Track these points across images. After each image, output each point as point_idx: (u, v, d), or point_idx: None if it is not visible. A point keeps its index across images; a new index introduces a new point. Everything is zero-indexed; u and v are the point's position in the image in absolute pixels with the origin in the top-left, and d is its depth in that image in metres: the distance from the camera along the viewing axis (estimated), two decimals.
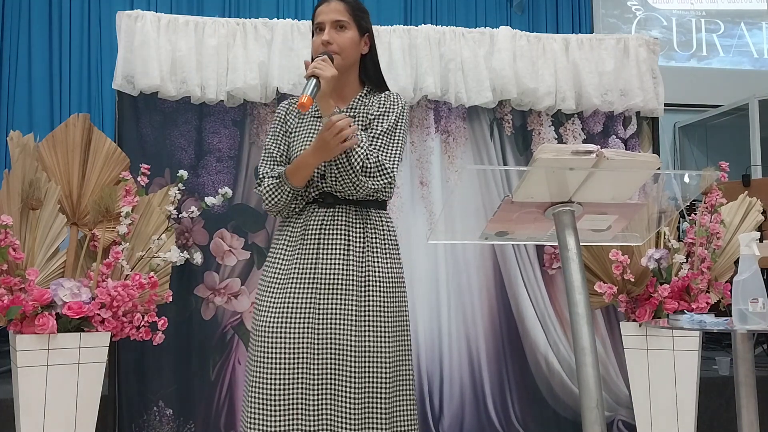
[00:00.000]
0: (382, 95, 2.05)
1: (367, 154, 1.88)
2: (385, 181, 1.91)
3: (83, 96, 5.07)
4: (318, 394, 1.87)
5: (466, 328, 3.37)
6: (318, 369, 1.87)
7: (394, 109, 2.01)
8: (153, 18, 3.18)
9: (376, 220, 2.00)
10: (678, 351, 2.88)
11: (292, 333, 1.88)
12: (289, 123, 2.06)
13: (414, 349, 3.31)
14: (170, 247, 2.83)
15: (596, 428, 1.50)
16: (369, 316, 1.91)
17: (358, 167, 1.87)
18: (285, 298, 1.91)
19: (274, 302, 1.92)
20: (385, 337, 1.91)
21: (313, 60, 1.90)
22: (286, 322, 1.88)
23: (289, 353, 1.87)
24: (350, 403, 1.85)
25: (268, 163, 2.05)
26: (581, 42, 3.54)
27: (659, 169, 1.61)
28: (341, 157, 1.86)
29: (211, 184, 3.22)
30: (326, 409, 1.87)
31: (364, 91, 2.06)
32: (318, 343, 1.88)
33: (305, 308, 1.90)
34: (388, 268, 1.98)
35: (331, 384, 1.87)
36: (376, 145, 1.95)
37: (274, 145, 2.06)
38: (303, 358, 1.87)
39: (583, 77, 3.48)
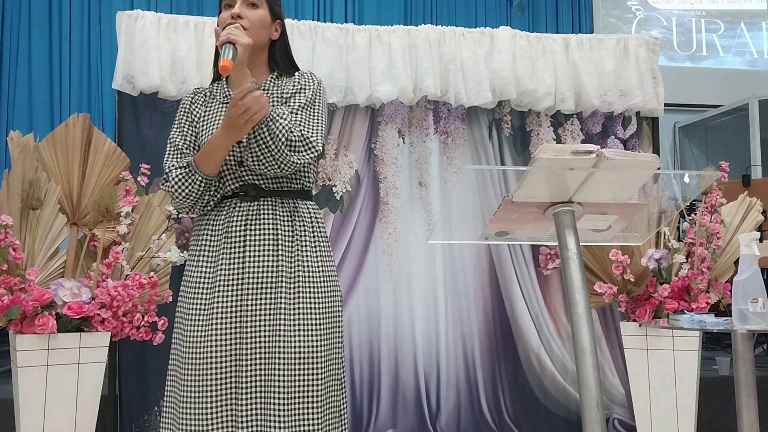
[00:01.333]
0: (296, 75, 1.96)
1: (290, 127, 1.78)
2: (311, 154, 1.79)
3: (83, 96, 5.07)
4: (247, 400, 1.79)
5: (462, 328, 3.39)
6: (248, 375, 1.79)
7: (309, 85, 1.92)
8: (153, 18, 3.18)
9: (303, 212, 1.89)
10: (678, 351, 2.88)
11: (219, 341, 1.78)
12: (194, 113, 1.96)
13: (411, 349, 3.33)
14: (170, 247, 2.83)
15: (596, 428, 1.50)
16: (300, 313, 1.81)
17: (282, 141, 1.75)
18: (212, 302, 1.80)
19: (201, 309, 1.81)
20: (316, 334, 1.81)
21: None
22: (213, 330, 1.78)
23: (220, 362, 1.78)
24: (279, 405, 1.77)
25: (174, 155, 1.92)
26: (581, 42, 3.54)
27: (659, 169, 1.61)
28: (262, 132, 1.75)
29: None
30: (256, 412, 1.79)
31: (275, 75, 1.96)
32: (247, 348, 1.79)
33: (234, 310, 1.80)
34: (318, 262, 1.87)
35: (260, 388, 1.79)
36: (296, 120, 1.84)
37: (179, 135, 1.94)
38: (234, 364, 1.79)
39: (582, 78, 3.48)
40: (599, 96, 3.49)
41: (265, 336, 1.80)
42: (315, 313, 1.83)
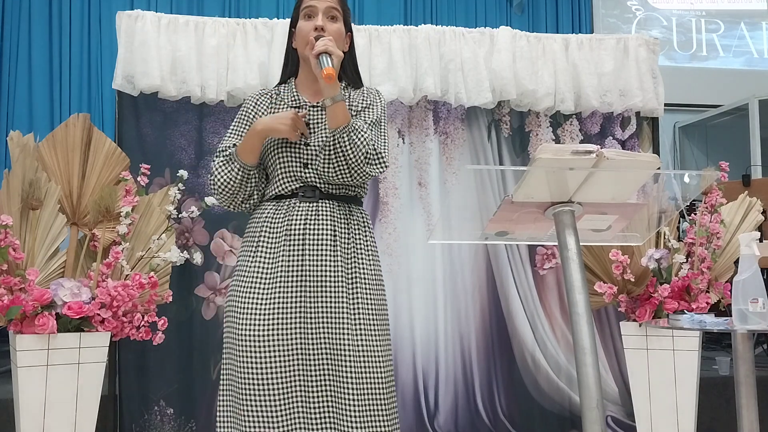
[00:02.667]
0: (363, 89, 2.03)
1: (370, 140, 1.85)
2: (381, 169, 1.88)
3: (83, 96, 5.07)
4: (318, 396, 1.83)
5: (460, 328, 3.40)
6: (315, 369, 1.83)
7: (377, 103, 2.00)
8: (153, 18, 3.18)
9: (358, 216, 1.96)
10: (678, 351, 2.88)
11: (284, 335, 1.82)
12: (259, 114, 2.00)
13: (410, 348, 3.34)
14: (170, 247, 2.83)
15: (596, 428, 1.50)
16: (359, 313, 1.87)
17: (361, 152, 1.82)
18: (274, 297, 1.84)
19: (262, 302, 1.84)
20: (376, 334, 1.88)
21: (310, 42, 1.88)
22: (277, 323, 1.82)
23: (284, 355, 1.81)
24: (352, 402, 1.82)
25: (225, 150, 1.97)
26: (581, 42, 3.54)
27: (659, 169, 1.61)
28: (343, 141, 1.82)
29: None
30: (328, 410, 1.83)
31: (343, 85, 2.01)
32: (311, 343, 1.84)
33: (295, 308, 1.84)
34: (371, 265, 1.95)
35: (329, 384, 1.83)
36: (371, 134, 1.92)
37: (233, 135, 1.99)
38: (298, 359, 1.83)
39: (582, 78, 3.48)
40: (599, 96, 3.50)
41: (327, 334, 1.85)
42: (374, 316, 1.90)
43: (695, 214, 3.08)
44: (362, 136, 1.84)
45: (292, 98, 1.99)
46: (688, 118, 6.26)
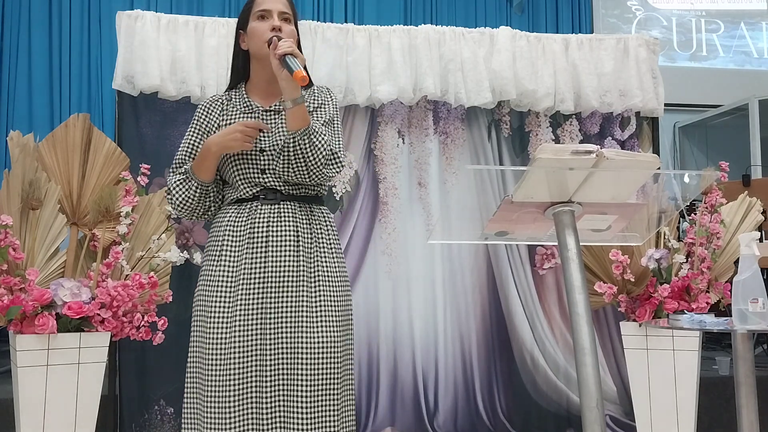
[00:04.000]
0: (313, 88, 2.02)
1: (329, 142, 1.87)
2: (338, 169, 1.91)
3: (83, 96, 5.07)
4: (271, 394, 1.85)
5: (460, 327, 3.40)
6: (271, 369, 1.85)
7: (329, 102, 2.01)
8: (153, 18, 3.18)
9: (319, 216, 1.98)
10: (678, 351, 2.88)
11: (244, 337, 1.84)
12: (210, 121, 2.00)
13: (410, 348, 3.34)
14: (170, 247, 2.83)
15: (596, 428, 1.50)
16: (320, 312, 1.88)
17: (321, 154, 1.84)
18: (236, 299, 1.86)
19: (224, 304, 1.87)
20: (335, 333, 1.89)
21: (268, 43, 1.88)
22: (238, 326, 1.84)
23: (243, 357, 1.84)
24: (302, 400, 1.83)
25: (178, 165, 1.99)
26: (581, 42, 3.54)
27: (659, 169, 1.61)
28: (303, 143, 1.82)
29: None
30: (280, 408, 1.85)
31: None
32: (270, 344, 1.86)
33: (257, 309, 1.86)
34: (335, 264, 1.96)
35: (283, 382, 1.85)
36: None
37: (186, 147, 2.00)
38: (256, 360, 1.85)
39: (582, 78, 3.48)
40: (599, 96, 3.50)
41: (287, 333, 1.86)
42: (334, 313, 1.91)
43: (695, 214, 3.08)
44: (321, 138, 1.86)
45: (244, 104, 2.00)
46: (688, 118, 6.26)
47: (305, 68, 1.83)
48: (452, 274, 3.42)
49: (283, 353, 1.86)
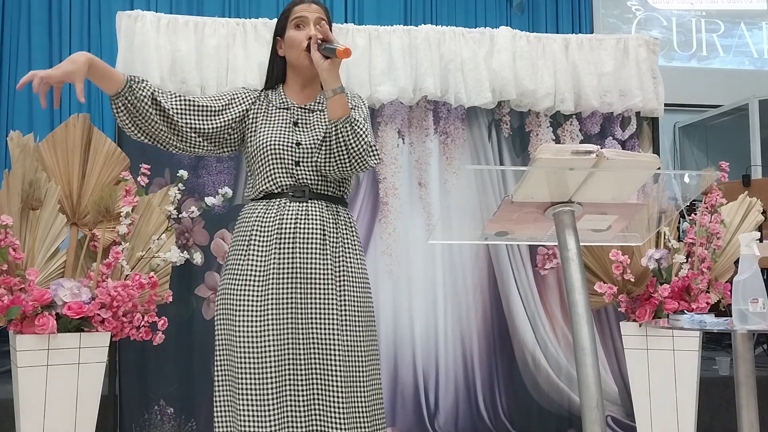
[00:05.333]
0: (347, 94, 2.07)
1: (369, 132, 1.93)
2: (377, 160, 1.95)
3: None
4: (306, 391, 1.88)
5: (461, 327, 3.40)
6: (305, 365, 1.88)
7: (362, 106, 2.07)
8: (153, 18, 3.18)
9: (344, 216, 2.02)
10: (678, 351, 2.88)
11: (276, 332, 1.88)
12: (251, 108, 2.04)
13: (410, 348, 3.34)
14: (170, 247, 2.83)
15: (596, 428, 1.50)
16: (346, 312, 1.92)
17: (363, 141, 1.89)
18: (266, 294, 1.89)
19: (255, 297, 1.90)
20: (360, 332, 1.94)
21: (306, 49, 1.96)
22: (270, 321, 1.88)
23: (276, 352, 1.87)
24: (338, 397, 1.87)
25: (180, 97, 1.98)
26: (581, 42, 3.54)
27: (659, 169, 1.61)
28: (346, 131, 1.87)
29: (212, 184, 3.22)
30: (315, 405, 1.88)
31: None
32: (301, 340, 1.89)
33: (287, 305, 1.89)
34: (358, 265, 2.00)
35: (317, 380, 1.88)
36: None
37: (209, 98, 2.01)
38: (289, 355, 1.88)
39: (582, 78, 3.48)
40: (599, 96, 3.49)
41: (316, 331, 1.90)
42: (360, 314, 1.96)
43: (695, 214, 3.08)
44: (363, 126, 1.92)
45: (281, 101, 2.05)
46: (688, 118, 6.26)
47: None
48: (453, 275, 3.42)
49: (314, 353, 1.89)
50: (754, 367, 1.86)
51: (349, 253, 1.99)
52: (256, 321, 1.88)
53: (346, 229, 2.00)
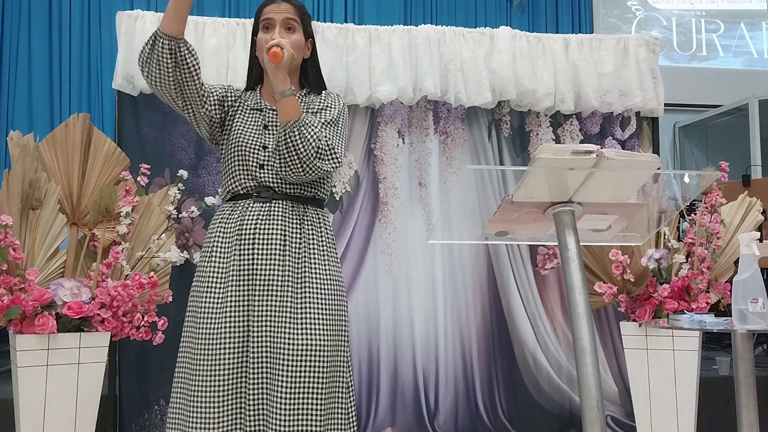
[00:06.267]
0: (323, 93, 2.07)
1: (319, 135, 1.87)
2: (334, 164, 1.90)
3: (83, 96, 5.07)
4: (255, 393, 1.85)
5: (461, 328, 3.40)
6: (254, 369, 1.86)
7: (335, 105, 2.03)
8: (153, 18, 3.18)
9: (313, 217, 1.99)
10: (678, 351, 2.88)
11: (232, 336, 1.86)
12: (227, 105, 2.04)
13: (410, 348, 3.34)
14: (170, 247, 2.83)
15: (596, 428, 1.50)
16: (306, 314, 1.88)
17: (311, 145, 1.85)
18: (225, 298, 1.88)
19: (214, 303, 1.88)
20: (321, 336, 1.87)
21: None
22: (227, 325, 1.86)
23: (231, 355, 1.85)
24: (281, 401, 1.81)
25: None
26: (581, 42, 3.54)
27: (659, 169, 1.61)
28: (294, 135, 1.84)
29: (211, 184, 3.22)
30: (262, 411, 1.85)
31: (304, 92, 2.07)
32: (254, 344, 1.86)
33: (243, 307, 1.88)
34: (325, 265, 1.96)
35: (264, 384, 1.85)
36: (324, 131, 1.94)
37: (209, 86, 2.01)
38: (241, 357, 1.86)
39: (582, 78, 3.48)
40: (599, 96, 3.49)
41: (270, 333, 1.87)
42: (320, 313, 1.90)
43: (695, 214, 3.08)
44: (312, 130, 1.87)
45: (255, 102, 2.05)
46: (688, 118, 6.26)
47: (318, 73, 1.91)
48: (453, 274, 3.42)
49: (265, 354, 1.86)
50: (754, 367, 1.86)
51: (315, 254, 1.94)
52: (214, 325, 1.86)
53: (312, 229, 1.97)
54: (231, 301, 1.88)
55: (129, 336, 2.65)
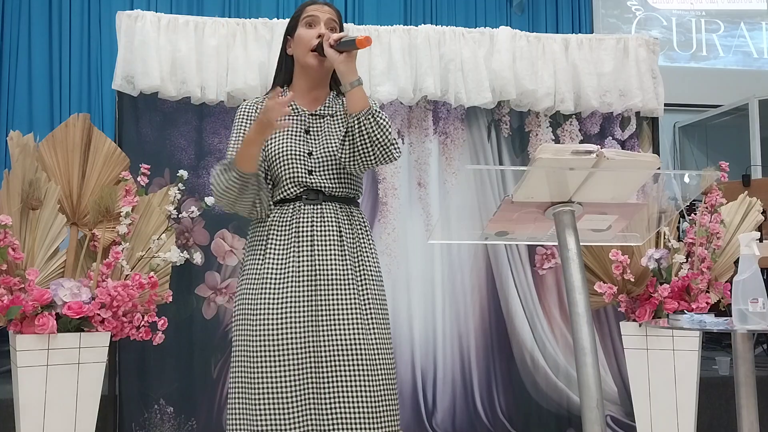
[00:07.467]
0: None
1: (390, 124, 1.91)
2: (399, 153, 1.94)
3: (83, 96, 5.07)
4: (330, 391, 1.85)
5: (459, 327, 3.41)
6: (329, 366, 1.86)
7: (373, 105, 2.04)
8: (153, 18, 3.18)
9: (358, 217, 2.02)
10: (678, 351, 2.88)
11: (297, 334, 1.86)
12: (252, 119, 2.02)
13: (409, 347, 3.35)
14: (170, 247, 2.83)
15: (596, 428, 1.50)
16: (369, 308, 1.92)
17: (387, 131, 1.87)
18: (286, 297, 1.88)
19: (274, 303, 1.88)
20: (383, 330, 1.94)
21: (313, 49, 1.94)
22: (290, 323, 1.86)
23: (297, 354, 1.85)
24: (368, 396, 1.85)
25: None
26: (581, 42, 3.54)
27: (659, 169, 1.61)
28: (369, 122, 1.85)
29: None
30: (341, 405, 1.85)
31: (333, 94, 2.07)
32: (324, 339, 1.87)
33: (307, 306, 1.88)
34: (375, 263, 2.02)
35: (344, 381, 1.85)
36: None
37: (237, 140, 2.00)
38: (311, 357, 1.86)
39: (582, 78, 3.48)
40: (599, 96, 3.49)
41: (341, 329, 1.89)
42: (381, 310, 1.97)
43: (695, 214, 3.08)
44: (385, 119, 1.90)
45: (290, 107, 2.00)
46: (688, 118, 6.26)
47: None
48: (452, 274, 3.42)
49: (339, 347, 1.87)
50: (754, 367, 1.86)
51: (366, 251, 1.99)
52: (276, 323, 1.86)
53: (360, 229, 2.01)
54: (294, 300, 1.88)
55: (129, 336, 2.65)
